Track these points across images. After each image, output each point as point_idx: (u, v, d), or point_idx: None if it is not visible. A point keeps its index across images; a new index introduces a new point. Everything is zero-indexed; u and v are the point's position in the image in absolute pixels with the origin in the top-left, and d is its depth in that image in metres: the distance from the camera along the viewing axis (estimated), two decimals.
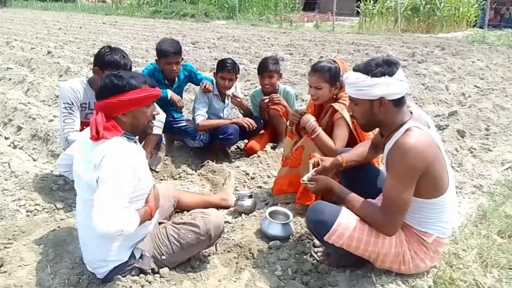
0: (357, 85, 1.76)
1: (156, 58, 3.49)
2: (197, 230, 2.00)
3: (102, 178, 1.71)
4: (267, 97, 3.66)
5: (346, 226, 1.79)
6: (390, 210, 1.73)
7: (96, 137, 1.76)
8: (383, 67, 1.72)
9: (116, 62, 2.67)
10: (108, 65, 2.66)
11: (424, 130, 1.74)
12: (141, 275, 1.92)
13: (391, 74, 1.71)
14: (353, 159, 2.20)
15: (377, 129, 2.02)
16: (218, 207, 2.68)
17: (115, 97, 1.82)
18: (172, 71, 3.47)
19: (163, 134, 3.54)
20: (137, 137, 2.00)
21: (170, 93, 3.46)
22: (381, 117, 1.79)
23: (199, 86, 3.71)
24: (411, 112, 1.83)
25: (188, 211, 2.49)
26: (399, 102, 1.77)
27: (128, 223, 1.74)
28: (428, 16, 14.98)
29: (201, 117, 3.53)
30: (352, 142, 2.48)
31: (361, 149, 2.24)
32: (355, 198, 1.87)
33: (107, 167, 1.72)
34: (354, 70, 1.80)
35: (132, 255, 1.93)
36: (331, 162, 2.20)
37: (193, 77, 3.77)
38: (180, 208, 2.55)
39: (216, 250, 2.25)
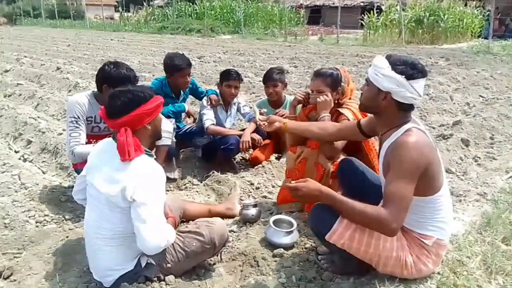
0: (376, 69, 1.80)
1: (167, 74, 3.55)
2: (201, 238, 2.03)
3: (141, 200, 1.79)
4: (269, 115, 3.69)
5: (347, 225, 1.81)
6: (395, 207, 1.66)
7: (126, 158, 1.81)
8: (406, 67, 1.74)
9: (127, 76, 2.68)
10: (119, 80, 2.60)
11: (422, 129, 1.79)
12: (147, 283, 1.95)
13: (409, 77, 1.73)
14: (297, 128, 2.46)
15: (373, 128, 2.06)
16: (224, 216, 2.70)
17: (140, 108, 1.88)
18: (187, 83, 3.61)
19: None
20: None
21: (187, 106, 3.62)
22: (382, 109, 1.84)
23: (202, 99, 3.80)
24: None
25: (194, 221, 2.52)
26: (404, 107, 1.80)
27: (171, 235, 1.93)
28: (432, 28, 15.06)
29: (210, 121, 3.61)
30: (354, 146, 2.52)
31: (316, 124, 2.43)
32: (350, 201, 1.76)
33: (144, 188, 1.81)
34: (386, 57, 1.82)
35: (138, 264, 1.96)
36: (274, 119, 2.51)
37: (194, 89, 3.91)
38: (186, 218, 2.58)
39: (221, 258, 2.27)
